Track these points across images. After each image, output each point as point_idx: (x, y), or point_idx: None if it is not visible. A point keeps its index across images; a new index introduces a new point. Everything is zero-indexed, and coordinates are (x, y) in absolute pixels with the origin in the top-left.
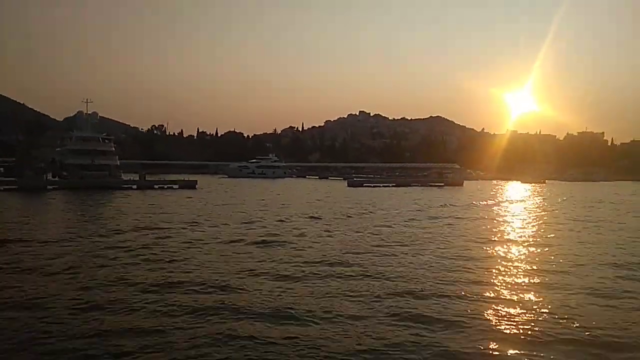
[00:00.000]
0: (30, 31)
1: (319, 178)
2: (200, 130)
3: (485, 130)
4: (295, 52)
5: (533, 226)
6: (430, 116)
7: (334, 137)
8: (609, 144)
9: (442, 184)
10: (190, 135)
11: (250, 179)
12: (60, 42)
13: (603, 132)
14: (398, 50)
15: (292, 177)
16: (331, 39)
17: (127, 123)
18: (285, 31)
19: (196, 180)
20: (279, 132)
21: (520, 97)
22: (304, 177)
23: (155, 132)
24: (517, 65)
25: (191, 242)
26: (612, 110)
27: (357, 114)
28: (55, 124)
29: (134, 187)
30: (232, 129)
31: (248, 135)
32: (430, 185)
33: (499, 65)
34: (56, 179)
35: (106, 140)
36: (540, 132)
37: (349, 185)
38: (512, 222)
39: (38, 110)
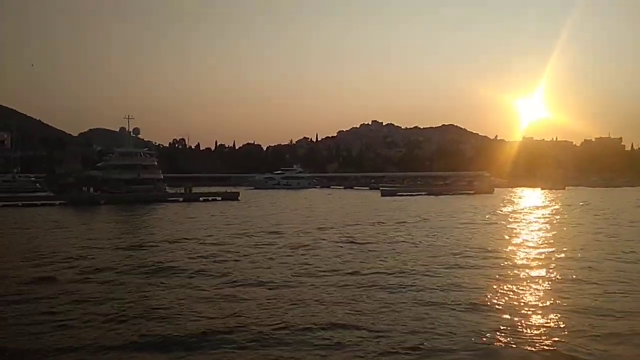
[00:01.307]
0: (45, 46)
1: (344, 188)
2: (218, 143)
3: (498, 138)
4: (309, 63)
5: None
6: (443, 124)
7: (348, 147)
8: (628, 149)
9: (473, 191)
10: (208, 147)
11: (276, 190)
12: (75, 58)
13: (621, 138)
14: (408, 59)
15: (316, 187)
16: (340, 49)
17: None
18: (295, 40)
19: (238, 192)
20: (293, 143)
21: (533, 104)
22: (328, 187)
23: (177, 145)
24: (529, 71)
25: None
26: (629, 116)
27: (370, 123)
28: (70, 139)
29: (180, 199)
30: (249, 141)
31: (265, 147)
32: (461, 194)
33: (510, 72)
34: (97, 193)
35: (147, 155)
36: (556, 138)
37: (383, 195)
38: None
39: (52, 125)
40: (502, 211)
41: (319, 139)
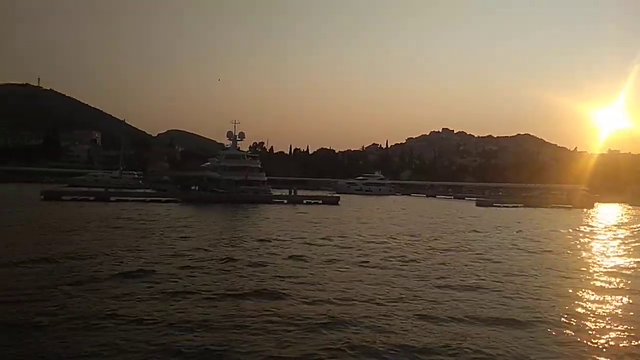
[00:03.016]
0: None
1: (427, 196)
2: (293, 148)
3: (577, 149)
4: (384, 73)
5: None
6: (518, 134)
7: (419, 155)
8: None
9: (570, 205)
10: (281, 151)
11: (361, 196)
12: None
13: None
14: (481, 66)
15: (396, 194)
16: (411, 56)
17: (218, 141)
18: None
19: (339, 197)
20: (364, 148)
21: (614, 114)
22: (408, 194)
23: (257, 149)
24: (609, 80)
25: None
26: None
27: (440, 131)
28: (152, 139)
29: (285, 201)
30: (323, 147)
31: (337, 152)
32: (558, 207)
33: (589, 80)
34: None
35: (250, 158)
36: None
37: (478, 205)
38: None
39: (134, 126)
40: None
41: (388, 146)
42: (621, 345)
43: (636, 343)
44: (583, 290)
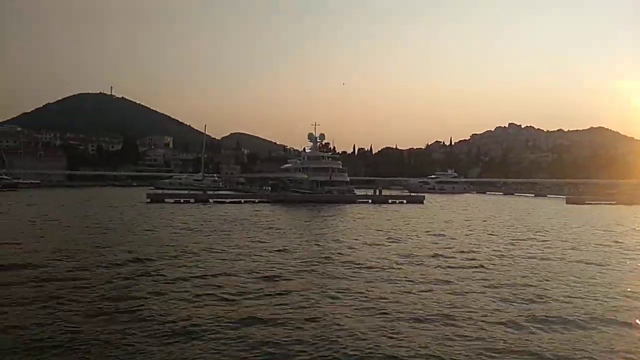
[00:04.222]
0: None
1: (504, 194)
2: (357, 147)
3: None
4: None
5: None
6: (591, 127)
7: (486, 152)
8: None
9: None
10: (344, 151)
11: (433, 194)
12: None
13: None
14: (546, 55)
15: (471, 192)
16: (476, 49)
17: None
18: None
19: (423, 196)
20: (425, 146)
21: None
22: (484, 193)
23: (322, 149)
24: None
25: None
26: None
27: (507, 126)
28: (217, 143)
29: (369, 201)
30: (387, 146)
31: (401, 151)
32: None
33: None
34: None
35: (330, 159)
36: None
37: (568, 203)
38: None
39: (200, 131)
40: None
41: (452, 143)
42: None
43: None
44: None
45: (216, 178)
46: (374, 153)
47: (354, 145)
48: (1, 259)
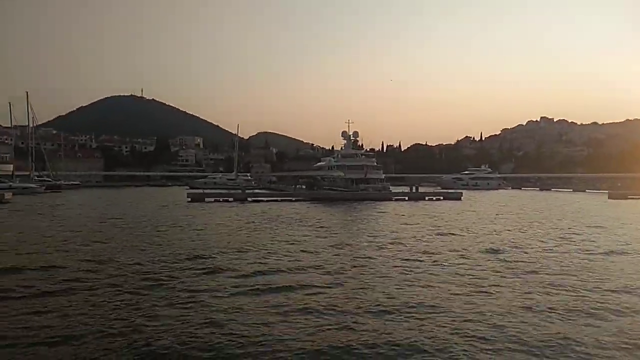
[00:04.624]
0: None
1: (540, 189)
2: (385, 144)
3: None
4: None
5: None
6: (627, 119)
7: (518, 146)
8: None
9: None
10: (372, 148)
11: (467, 191)
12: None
13: None
14: (578, 46)
15: (506, 188)
16: (508, 41)
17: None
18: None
19: (461, 192)
20: (454, 142)
21: None
22: (519, 188)
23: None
24: None
25: None
26: None
27: (538, 120)
28: (246, 142)
29: (406, 198)
30: (416, 142)
31: (431, 147)
32: None
33: None
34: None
35: (364, 156)
36: None
37: (610, 198)
38: None
39: (229, 130)
40: None
41: (483, 138)
42: None
43: None
44: None
45: (249, 177)
46: (402, 150)
47: (383, 142)
48: (102, 256)
